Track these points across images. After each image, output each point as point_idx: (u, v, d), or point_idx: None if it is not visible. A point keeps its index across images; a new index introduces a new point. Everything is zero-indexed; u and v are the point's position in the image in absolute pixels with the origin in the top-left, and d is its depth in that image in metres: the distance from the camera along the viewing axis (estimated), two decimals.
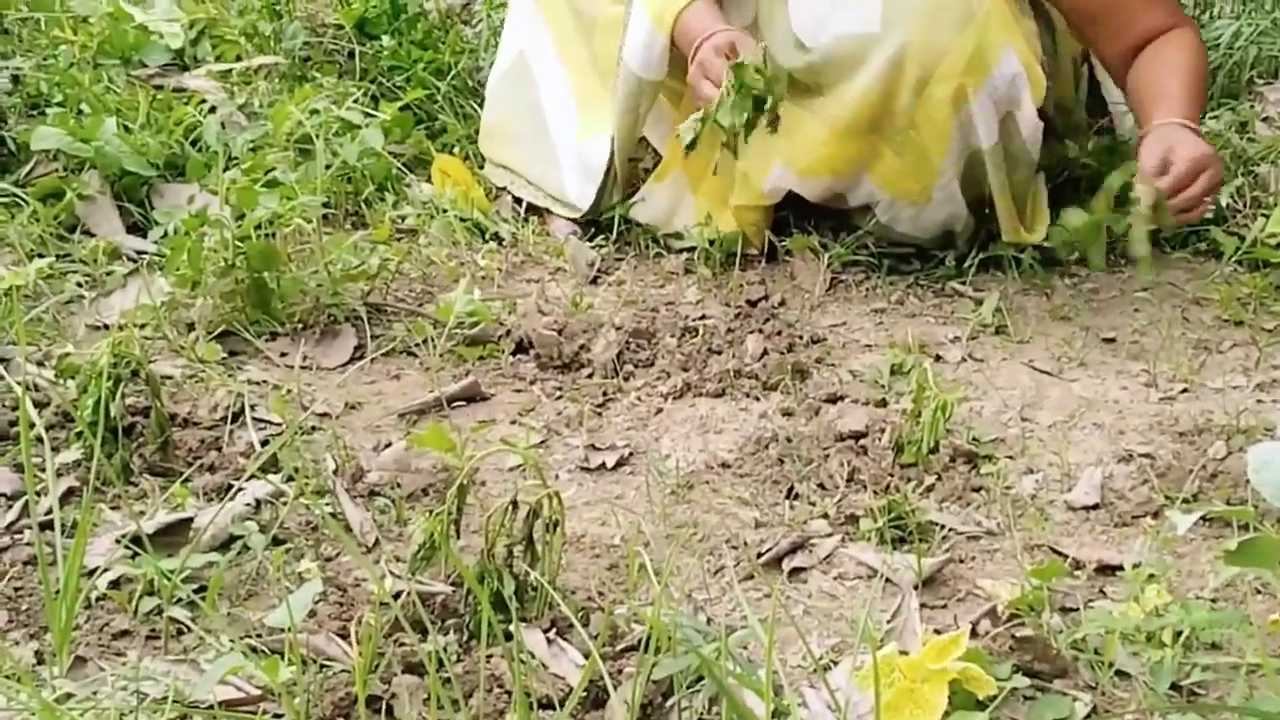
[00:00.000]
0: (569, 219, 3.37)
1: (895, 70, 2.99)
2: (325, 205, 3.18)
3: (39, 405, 2.53)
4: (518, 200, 3.44)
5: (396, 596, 2.10)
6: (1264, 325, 3.02)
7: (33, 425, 2.39)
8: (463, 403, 2.75)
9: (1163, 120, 3.00)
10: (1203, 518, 2.38)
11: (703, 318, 2.97)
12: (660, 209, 3.32)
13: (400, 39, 3.83)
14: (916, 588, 2.24)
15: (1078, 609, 2.19)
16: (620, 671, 2.00)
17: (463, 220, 3.30)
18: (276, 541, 2.30)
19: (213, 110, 3.53)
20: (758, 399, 2.75)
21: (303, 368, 2.81)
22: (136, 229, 3.22)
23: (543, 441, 2.63)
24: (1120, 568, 2.27)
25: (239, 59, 3.77)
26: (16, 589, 2.19)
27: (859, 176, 3.11)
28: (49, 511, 2.27)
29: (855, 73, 3.03)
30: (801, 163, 3.12)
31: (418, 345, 2.90)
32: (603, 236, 3.31)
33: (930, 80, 2.98)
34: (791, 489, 2.49)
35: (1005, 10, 2.99)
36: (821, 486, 2.49)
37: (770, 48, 3.10)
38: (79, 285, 3.01)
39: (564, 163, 3.37)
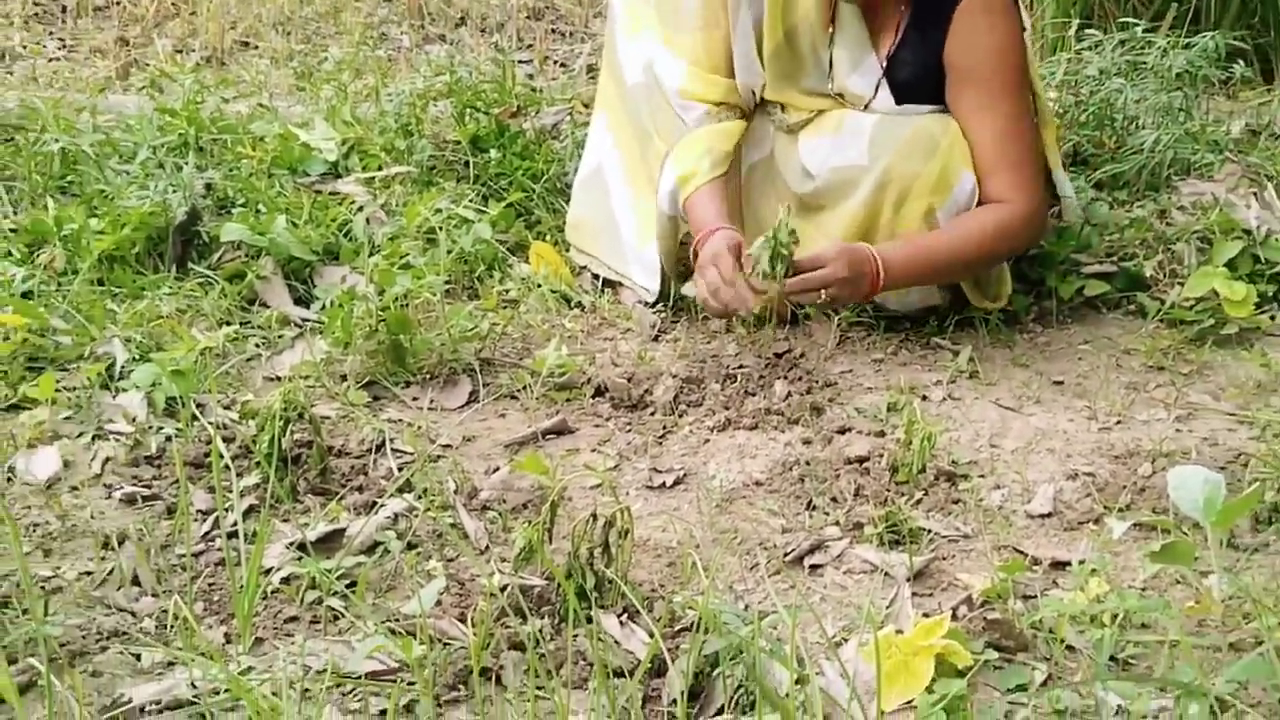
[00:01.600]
0: (640, 301, 3.36)
1: (879, 192, 3.01)
2: (446, 283, 3.20)
3: (227, 440, 2.54)
4: (596, 277, 3.43)
5: (503, 589, 2.10)
6: (1181, 370, 2.99)
7: (222, 456, 2.40)
8: (554, 436, 2.75)
9: (875, 249, 2.93)
10: (1134, 524, 2.38)
11: (740, 367, 2.95)
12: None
13: (505, 151, 3.84)
14: (909, 580, 2.24)
15: (1036, 596, 2.19)
16: (677, 648, 1.99)
17: (553, 292, 3.30)
18: (410, 546, 2.32)
19: (360, 209, 3.54)
20: (783, 431, 2.74)
21: (430, 409, 2.83)
22: (301, 302, 3.23)
23: (615, 466, 2.64)
24: (1069, 564, 2.26)
25: (380, 168, 3.78)
26: (210, 584, 2.21)
27: None
28: (234, 524, 2.29)
29: (850, 195, 3.06)
30: None
31: (519, 391, 2.90)
32: (662, 304, 3.30)
33: (906, 199, 3.00)
34: (810, 502, 2.49)
35: (964, 141, 3.00)
36: (834, 500, 2.49)
37: (784, 176, 3.14)
38: (257, 346, 3.02)
39: (629, 258, 3.36)
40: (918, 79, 3.04)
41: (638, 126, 3.33)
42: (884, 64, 3.06)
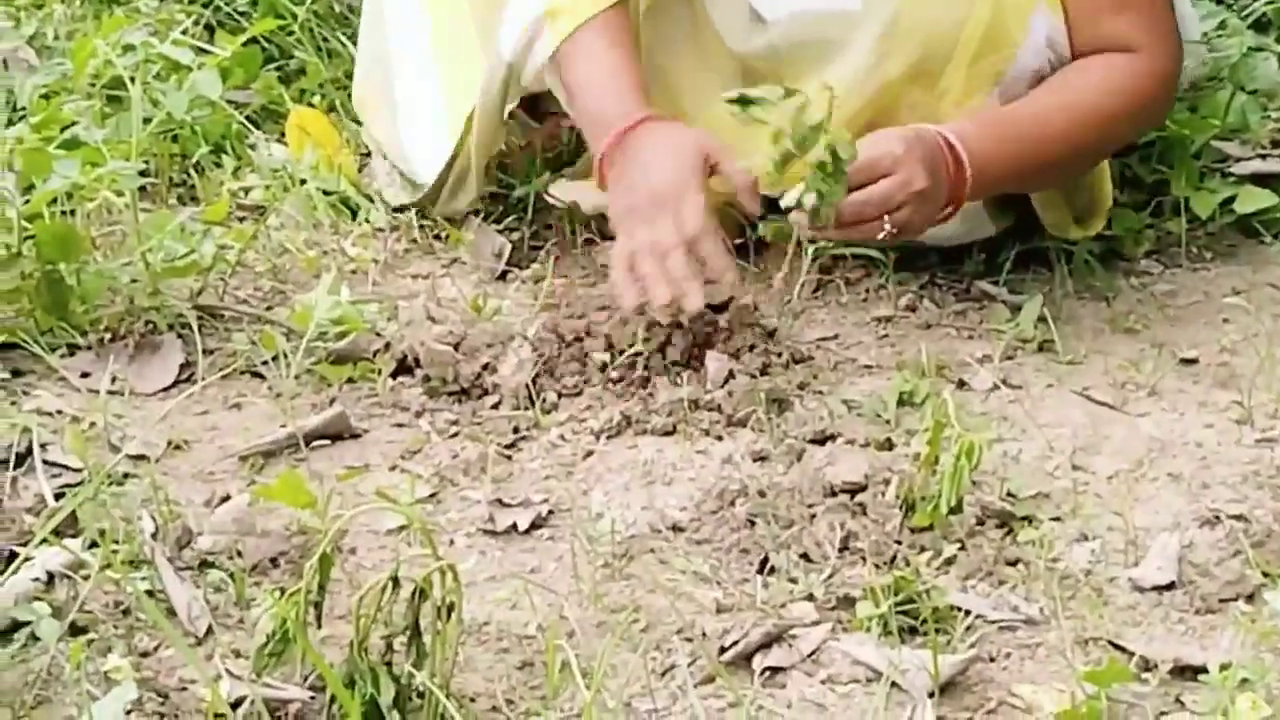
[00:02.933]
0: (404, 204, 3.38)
1: (884, 56, 3.05)
2: (143, 173, 3.18)
3: None
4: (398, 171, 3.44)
5: (236, 705, 2.10)
6: None
7: None
8: (326, 441, 2.75)
9: (946, 130, 2.95)
10: None
11: (649, 327, 2.96)
12: (590, 190, 3.29)
13: None
14: (932, 695, 2.24)
15: None
16: None
17: (327, 194, 3.30)
18: (76, 630, 2.29)
19: None
20: (720, 438, 2.76)
21: (111, 393, 2.81)
22: None
23: (433, 494, 2.64)
24: (1204, 669, 2.28)
25: None
26: None
27: None
28: None
29: (832, 59, 3.09)
30: (763, 175, 3.03)
31: (265, 363, 2.89)
32: (515, 218, 3.31)
33: (935, 67, 3.04)
34: (765, 560, 2.49)
35: None
36: (805, 557, 2.50)
37: (714, 24, 3.13)
38: None
39: (400, 112, 3.36)
40: None
41: None
42: None
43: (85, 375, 2.84)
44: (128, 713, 2.13)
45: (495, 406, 2.84)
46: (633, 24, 3.21)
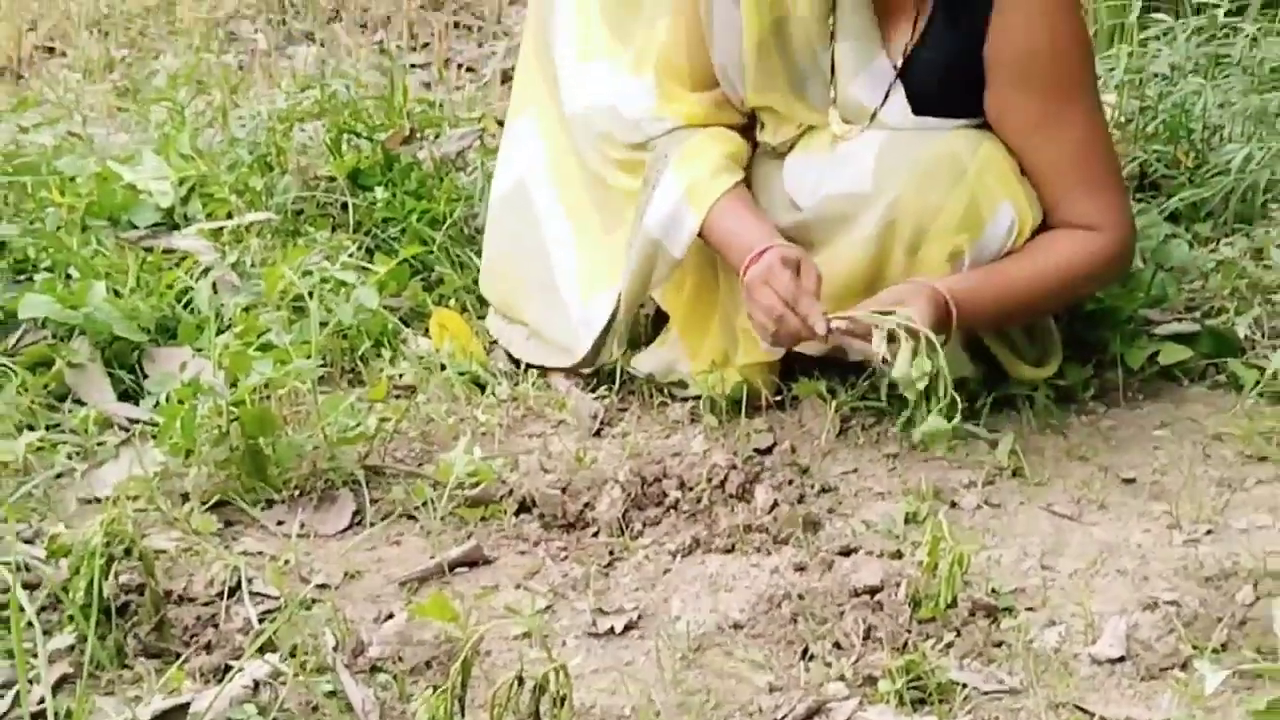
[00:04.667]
0: (565, 370, 3.36)
1: (887, 230, 3.02)
2: (321, 366, 3.18)
3: (29, 587, 2.49)
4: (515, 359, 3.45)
5: None
6: None
7: (23, 609, 2.38)
8: (465, 568, 2.73)
9: (938, 283, 2.94)
10: (1233, 671, 2.37)
11: (712, 468, 2.95)
12: (662, 361, 3.32)
13: (394, 190, 3.84)
14: None
15: None
16: None
17: (461, 375, 3.31)
18: None
19: (205, 272, 3.53)
20: (769, 554, 2.74)
21: (300, 536, 2.81)
22: (128, 396, 3.22)
23: (548, 607, 2.61)
24: None
25: (230, 216, 3.77)
26: None
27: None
28: (41, 701, 2.26)
29: (847, 230, 3.07)
30: None
31: (418, 508, 2.88)
32: (605, 387, 3.31)
33: (924, 240, 3.01)
34: (806, 649, 2.47)
35: (1003, 161, 3.00)
36: (837, 646, 2.48)
37: (763, 207, 3.14)
38: (70, 457, 3.00)
39: (570, 309, 3.36)
40: (944, 85, 3.06)
41: (578, 155, 3.33)
42: (898, 65, 3.09)
43: (280, 523, 2.84)
44: None
45: (595, 535, 2.82)
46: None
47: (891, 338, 2.80)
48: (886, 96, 3.10)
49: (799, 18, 3.11)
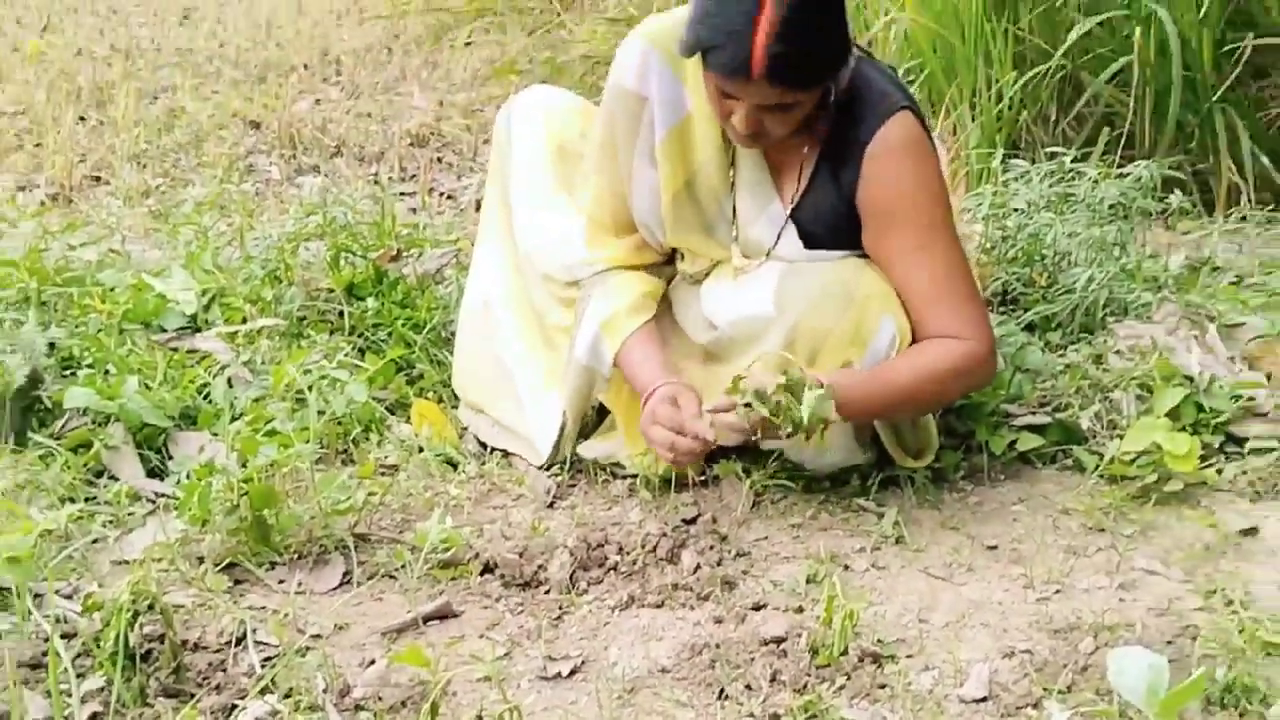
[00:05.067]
0: (531, 463, 3.35)
1: (789, 347, 3.00)
2: (318, 448, 3.16)
3: (67, 637, 2.48)
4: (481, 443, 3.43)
5: None
6: (1123, 531, 3.01)
7: (60, 656, 2.35)
8: (437, 620, 2.71)
9: (827, 378, 2.91)
10: (1075, 709, 2.36)
11: (646, 536, 2.93)
12: (605, 448, 3.32)
13: (383, 300, 3.85)
14: None
15: None
16: None
17: (437, 456, 3.30)
18: None
19: (221, 369, 3.53)
20: (692, 608, 2.72)
21: (298, 593, 2.78)
22: (155, 473, 3.20)
23: (506, 653, 2.60)
24: None
25: (244, 321, 3.77)
26: None
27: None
28: None
29: (756, 346, 3.06)
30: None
31: (398, 569, 2.86)
32: (558, 467, 3.30)
33: (819, 354, 3.00)
34: (722, 690, 2.45)
35: (883, 285, 3.00)
36: (748, 687, 2.46)
37: (684, 326, 3.17)
38: (104, 526, 2.98)
39: (526, 407, 3.35)
40: (828, 224, 3.07)
41: (530, 287, 3.33)
42: (789, 209, 3.09)
43: (281, 582, 2.82)
44: None
45: (547, 593, 2.80)
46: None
47: (750, 404, 2.81)
48: (779, 237, 3.11)
49: (705, 175, 3.12)
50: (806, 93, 2.87)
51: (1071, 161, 4.23)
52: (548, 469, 3.31)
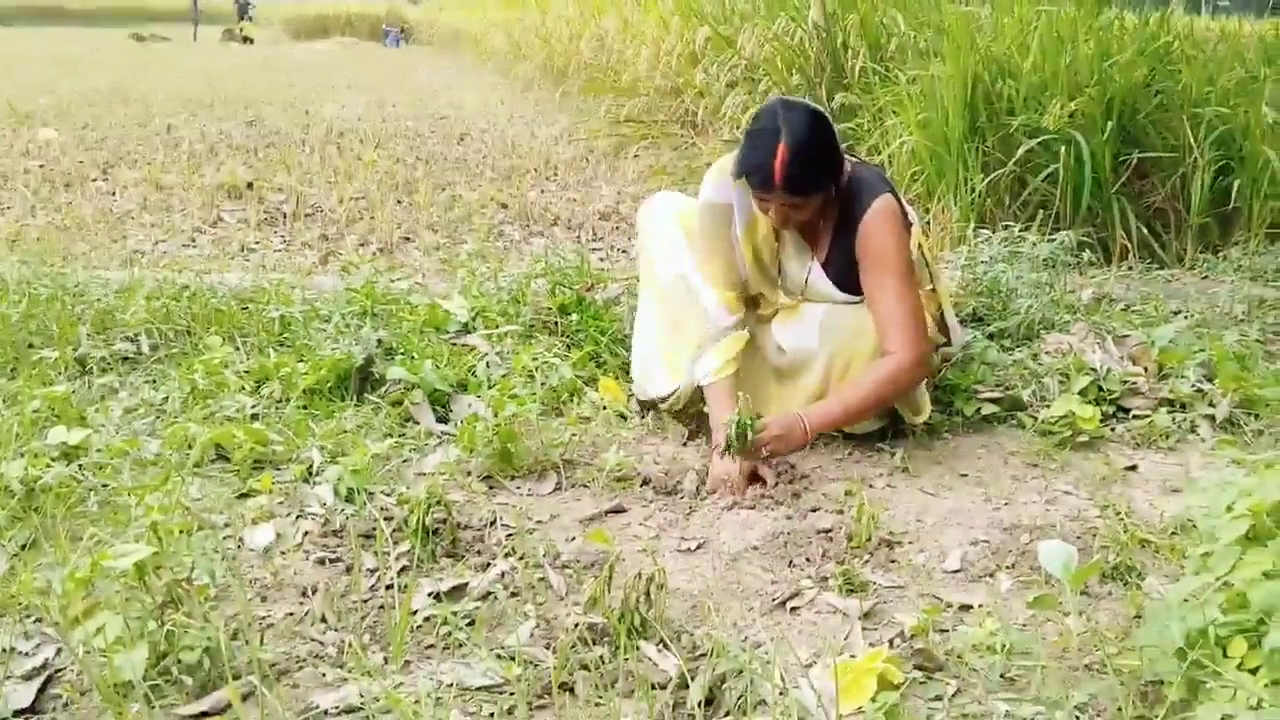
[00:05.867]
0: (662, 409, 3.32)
1: (830, 366, 3.01)
2: (541, 406, 3.19)
3: (388, 519, 2.53)
4: (641, 405, 3.41)
5: (575, 626, 2.08)
6: (1049, 467, 2.95)
7: (384, 531, 2.41)
8: (613, 514, 2.73)
9: (803, 412, 2.88)
10: (1017, 579, 2.34)
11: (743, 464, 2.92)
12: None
13: (582, 315, 3.85)
14: (860, 619, 2.21)
15: (949, 631, 2.15)
16: (697, 668, 1.97)
17: (615, 413, 3.30)
18: (512, 594, 2.30)
19: (483, 357, 3.56)
20: (772, 509, 2.71)
21: (527, 495, 2.82)
22: (441, 420, 3.23)
23: (655, 536, 2.61)
24: (972, 607, 2.23)
25: (497, 327, 3.80)
26: (375, 622, 2.20)
27: None
28: (392, 579, 2.29)
29: (809, 367, 3.05)
30: None
31: (589, 482, 2.88)
32: (690, 420, 3.29)
33: (850, 368, 2.98)
34: (791, 561, 2.46)
35: None
36: (808, 560, 2.46)
37: (763, 351, 3.14)
38: (410, 452, 3.03)
39: (655, 375, 3.29)
40: (846, 271, 3.01)
41: (671, 308, 3.30)
42: (819, 262, 3.05)
43: (518, 488, 2.83)
44: (532, 630, 2.11)
45: (682, 499, 2.80)
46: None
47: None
48: (807, 280, 3.06)
49: (766, 248, 3.08)
50: (813, 197, 2.87)
51: (1019, 230, 4.16)
52: (680, 413, 3.26)
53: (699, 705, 1.87)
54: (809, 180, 2.83)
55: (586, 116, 9.50)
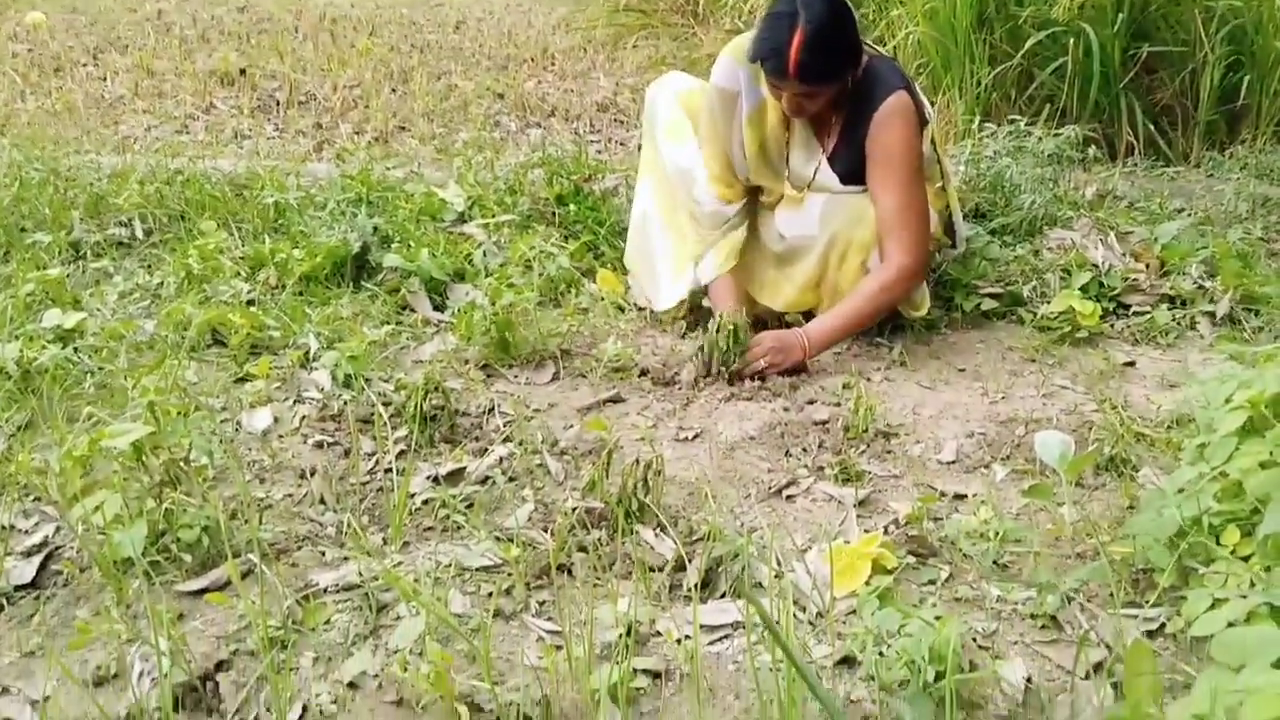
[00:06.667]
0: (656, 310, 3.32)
1: (829, 250, 2.99)
2: (539, 297, 3.19)
3: (386, 405, 2.54)
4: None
5: (573, 510, 2.11)
6: (1047, 362, 2.96)
7: (382, 415, 2.42)
8: (611, 404, 2.73)
9: (803, 329, 2.91)
10: (1012, 470, 2.36)
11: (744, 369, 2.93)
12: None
13: (580, 205, 3.83)
14: (855, 507, 2.23)
15: (943, 519, 2.17)
16: (694, 552, 2.00)
17: (612, 304, 3.29)
18: (510, 479, 2.31)
19: (479, 245, 3.54)
20: (770, 402, 2.72)
21: (525, 384, 2.82)
22: (438, 309, 3.23)
23: (653, 425, 2.62)
24: (966, 496, 2.25)
25: (493, 217, 3.77)
26: (373, 504, 2.22)
27: (813, 311, 3.08)
28: (390, 462, 2.31)
29: (809, 253, 3.04)
30: (781, 304, 3.11)
31: (587, 371, 2.88)
32: (689, 313, 3.29)
33: (847, 255, 2.97)
34: (788, 451, 2.47)
35: None
36: (804, 450, 2.47)
37: (764, 238, 3.12)
38: (407, 339, 3.03)
39: (661, 285, 3.28)
40: (852, 165, 2.98)
41: (674, 199, 3.29)
42: (825, 155, 3.02)
43: (516, 376, 2.85)
44: (530, 514, 2.13)
45: (679, 389, 2.80)
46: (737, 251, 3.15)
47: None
48: (815, 173, 3.02)
49: (773, 137, 3.04)
50: (827, 86, 2.82)
51: (1024, 125, 4.11)
52: (678, 307, 3.28)
53: (695, 587, 1.89)
54: (824, 69, 2.78)
55: (585, 5, 9.33)
